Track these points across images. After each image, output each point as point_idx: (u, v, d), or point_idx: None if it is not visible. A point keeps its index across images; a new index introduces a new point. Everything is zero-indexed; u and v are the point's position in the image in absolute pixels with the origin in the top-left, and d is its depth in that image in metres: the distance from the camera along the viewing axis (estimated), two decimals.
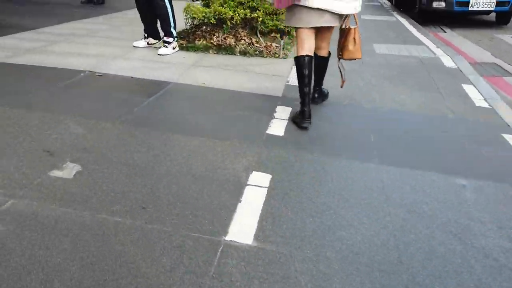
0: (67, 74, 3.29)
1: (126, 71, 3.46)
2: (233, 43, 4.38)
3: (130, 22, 5.87)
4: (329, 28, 2.66)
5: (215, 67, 3.74)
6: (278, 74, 3.62)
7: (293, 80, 3.48)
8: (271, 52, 4.29)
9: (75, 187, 1.76)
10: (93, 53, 4.00)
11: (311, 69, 2.60)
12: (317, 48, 2.77)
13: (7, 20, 5.44)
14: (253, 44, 4.43)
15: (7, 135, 2.18)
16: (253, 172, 1.98)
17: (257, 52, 4.23)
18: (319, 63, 2.84)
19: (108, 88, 3.03)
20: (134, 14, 6.72)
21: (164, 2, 3.95)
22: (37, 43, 4.26)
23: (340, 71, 2.89)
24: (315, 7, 2.45)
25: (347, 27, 2.65)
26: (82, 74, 3.33)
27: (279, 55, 4.17)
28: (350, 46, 2.65)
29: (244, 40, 4.52)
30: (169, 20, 4.04)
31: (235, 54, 4.22)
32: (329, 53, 2.81)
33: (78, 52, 3.98)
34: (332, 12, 2.48)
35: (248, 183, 1.88)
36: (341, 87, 2.92)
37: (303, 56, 2.57)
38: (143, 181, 1.85)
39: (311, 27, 2.55)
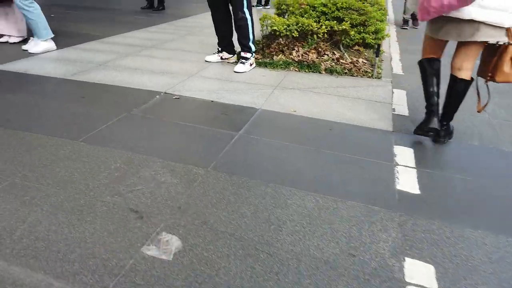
0: (141, 96, 2.93)
1: (204, 94, 3.06)
2: (316, 59, 3.88)
3: (194, 31, 5.53)
4: (480, 44, 2.11)
5: (302, 89, 3.25)
6: (379, 100, 3.06)
7: (400, 108, 2.92)
8: (360, 70, 3.75)
9: (179, 278, 1.32)
10: (165, 68, 3.64)
11: (439, 70, 2.32)
12: (457, 68, 2.23)
13: (72, 28, 5.27)
14: (338, 60, 3.91)
15: (83, 185, 1.80)
16: (406, 259, 1.46)
17: (346, 71, 3.70)
18: (456, 88, 2.27)
19: (189, 116, 2.63)
20: (195, 22, 6.40)
21: (245, 13, 3.52)
22: (105, 56, 3.98)
23: (478, 92, 2.31)
24: (469, 18, 1.93)
25: (504, 43, 2.07)
26: (157, 96, 2.96)
27: (372, 74, 3.62)
28: (506, 67, 2.07)
29: (327, 55, 4.00)
30: (249, 33, 3.60)
31: (320, 72, 3.72)
32: (472, 79, 2.24)
33: (149, 68, 3.64)
34: (490, 24, 1.95)
35: (407, 280, 1.36)
36: (479, 111, 2.32)
37: (428, 58, 2.34)
38: (263, 268, 1.38)
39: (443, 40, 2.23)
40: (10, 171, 1.86)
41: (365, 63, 3.96)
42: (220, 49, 3.94)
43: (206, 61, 3.95)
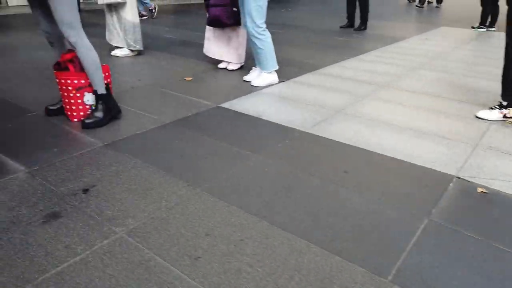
0: (422, 180, 1.97)
1: None
2: None
3: (423, 63, 4.40)
4: None
5: None
6: None
7: None
8: None
9: None
10: (425, 125, 2.64)
11: None
12: None
13: (281, 52, 4.71)
14: None
15: None
16: None
17: None
18: None
19: None
20: (415, 48, 5.17)
21: None
22: (336, 97, 3.21)
23: None
24: None
25: None
26: (450, 184, 1.99)
27: None
28: None
29: None
30: None
31: None
32: None
33: (406, 124, 2.67)
34: None
35: None
36: None
37: None
38: None
39: None
40: None
41: None
42: (505, 103, 2.78)
43: (477, 117, 2.84)
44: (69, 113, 2.56)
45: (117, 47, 4.41)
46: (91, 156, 2.15)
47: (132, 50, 4.41)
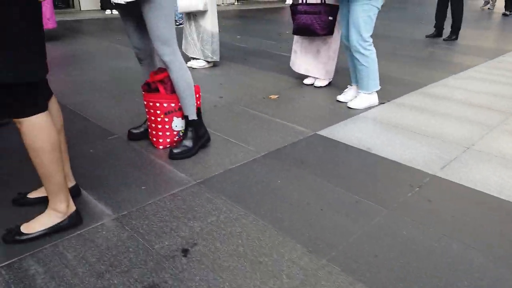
0: None
1: None
2: None
3: None
4: None
5: None
6: None
7: None
8: None
9: None
10: None
11: None
12: None
13: None
14: None
15: None
16: None
17: None
18: None
19: None
20: None
21: None
22: (457, 128, 2.64)
23: None
24: None
25: None
26: None
27: None
28: None
29: None
30: None
31: None
32: None
33: None
34: None
35: None
36: None
37: None
38: None
39: None
40: None
41: None
42: None
43: None
44: (154, 139, 2.25)
45: (193, 58, 4.14)
46: (184, 198, 1.81)
47: (208, 62, 4.12)
